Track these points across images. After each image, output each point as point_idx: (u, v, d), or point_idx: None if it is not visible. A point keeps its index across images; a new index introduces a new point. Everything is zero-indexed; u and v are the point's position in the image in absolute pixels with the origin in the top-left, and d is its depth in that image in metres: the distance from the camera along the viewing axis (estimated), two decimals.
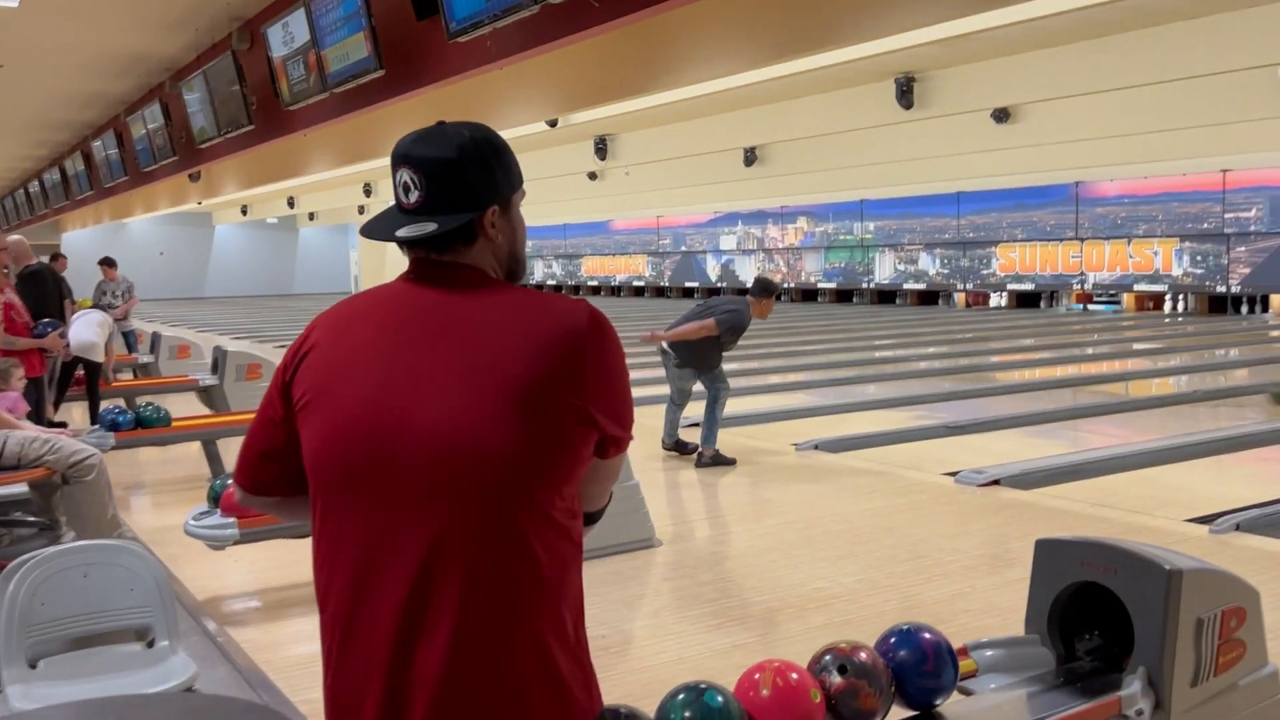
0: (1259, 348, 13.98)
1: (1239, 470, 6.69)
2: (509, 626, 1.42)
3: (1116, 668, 2.59)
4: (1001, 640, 2.66)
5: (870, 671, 2.32)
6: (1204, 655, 2.47)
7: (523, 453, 1.43)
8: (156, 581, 2.83)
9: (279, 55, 7.89)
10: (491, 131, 1.58)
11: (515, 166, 1.60)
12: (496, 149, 1.57)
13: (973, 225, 21.12)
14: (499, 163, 1.57)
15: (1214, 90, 11.10)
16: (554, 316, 1.50)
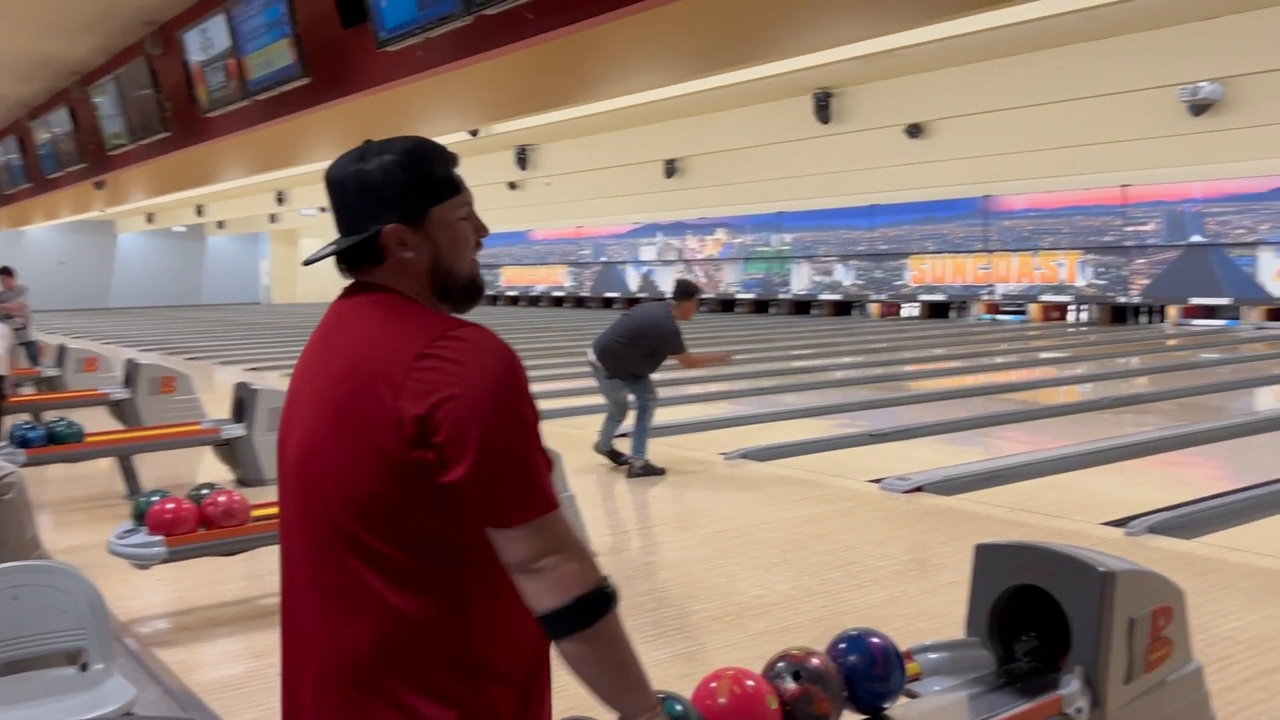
0: (1158, 355, 14.52)
1: (1147, 474, 6.94)
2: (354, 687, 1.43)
3: (1053, 668, 2.68)
4: (944, 643, 2.73)
5: (824, 677, 2.37)
6: (1136, 653, 2.57)
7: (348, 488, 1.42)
8: (90, 603, 2.75)
9: (197, 61, 7.72)
10: (410, 144, 1.53)
11: (437, 178, 1.53)
12: (404, 164, 1.51)
13: (886, 237, 21.56)
14: (406, 178, 1.51)
15: (1116, 109, 11.54)
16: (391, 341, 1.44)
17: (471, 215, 1.59)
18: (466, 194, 1.58)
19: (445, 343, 1.42)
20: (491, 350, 1.43)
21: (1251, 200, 16.58)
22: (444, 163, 1.55)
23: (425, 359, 1.41)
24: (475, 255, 1.60)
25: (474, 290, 1.59)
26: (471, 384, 1.39)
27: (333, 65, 6.59)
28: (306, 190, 21.70)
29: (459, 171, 1.60)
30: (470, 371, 1.40)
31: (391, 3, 5.55)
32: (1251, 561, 4.72)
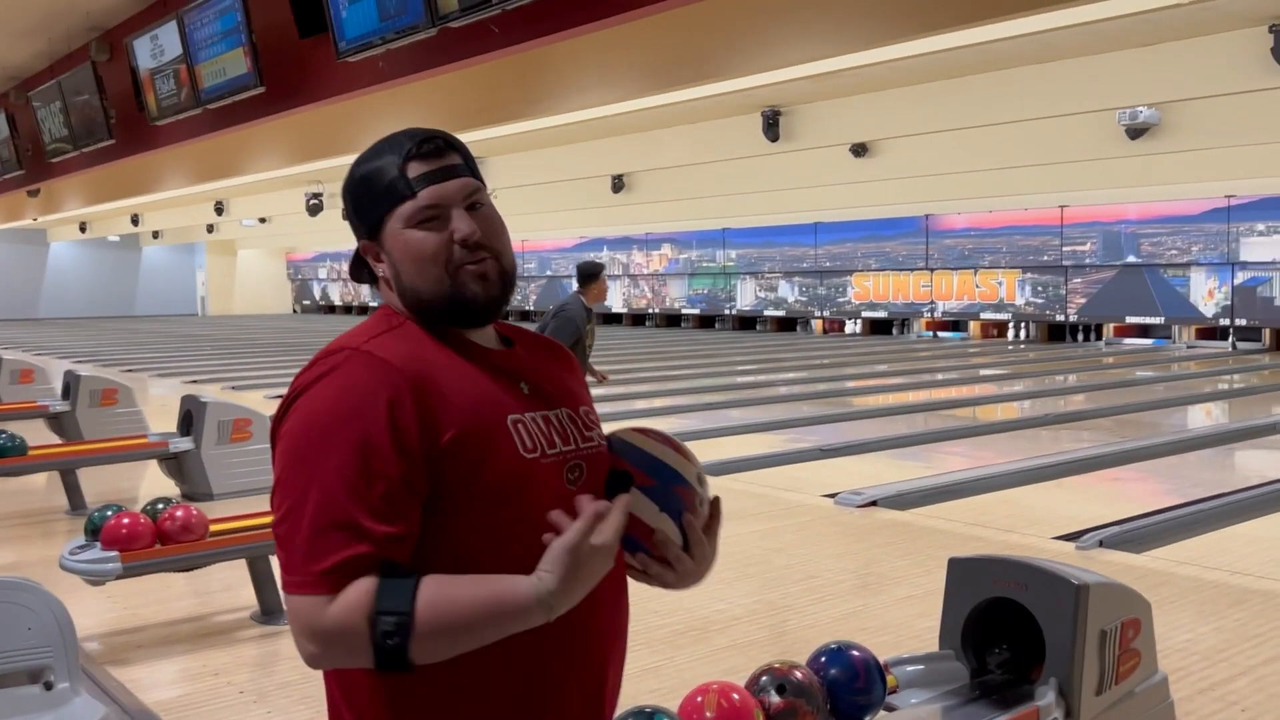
0: (1094, 374, 14.85)
1: (1092, 490, 7.09)
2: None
3: (1025, 679, 2.73)
4: (920, 656, 2.76)
5: (807, 690, 2.39)
6: (1107, 665, 2.63)
7: None
8: (57, 620, 2.69)
9: (146, 68, 7.60)
10: (362, 156, 1.41)
11: (383, 181, 1.37)
12: (353, 168, 1.41)
13: (829, 255, 21.81)
14: (353, 184, 1.41)
15: (1055, 131, 11.82)
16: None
17: (441, 218, 1.37)
18: (427, 195, 1.36)
19: (311, 365, 1.34)
20: (332, 386, 1.30)
21: (1185, 222, 17.06)
22: (392, 160, 1.37)
23: (298, 375, 1.35)
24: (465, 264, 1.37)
25: (462, 308, 1.38)
26: (293, 421, 1.30)
27: (289, 75, 6.53)
28: (247, 200, 21.39)
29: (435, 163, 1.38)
30: (299, 406, 1.31)
31: (352, 13, 5.52)
32: (1200, 575, 4.85)
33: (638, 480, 1.42)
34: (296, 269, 36.64)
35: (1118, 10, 7.17)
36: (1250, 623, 4.21)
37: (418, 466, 1.28)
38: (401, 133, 1.40)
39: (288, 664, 4.04)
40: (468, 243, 1.37)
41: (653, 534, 1.41)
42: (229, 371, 15.49)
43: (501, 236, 1.43)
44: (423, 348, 1.36)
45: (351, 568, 1.24)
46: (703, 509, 1.46)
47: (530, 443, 1.37)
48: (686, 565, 1.44)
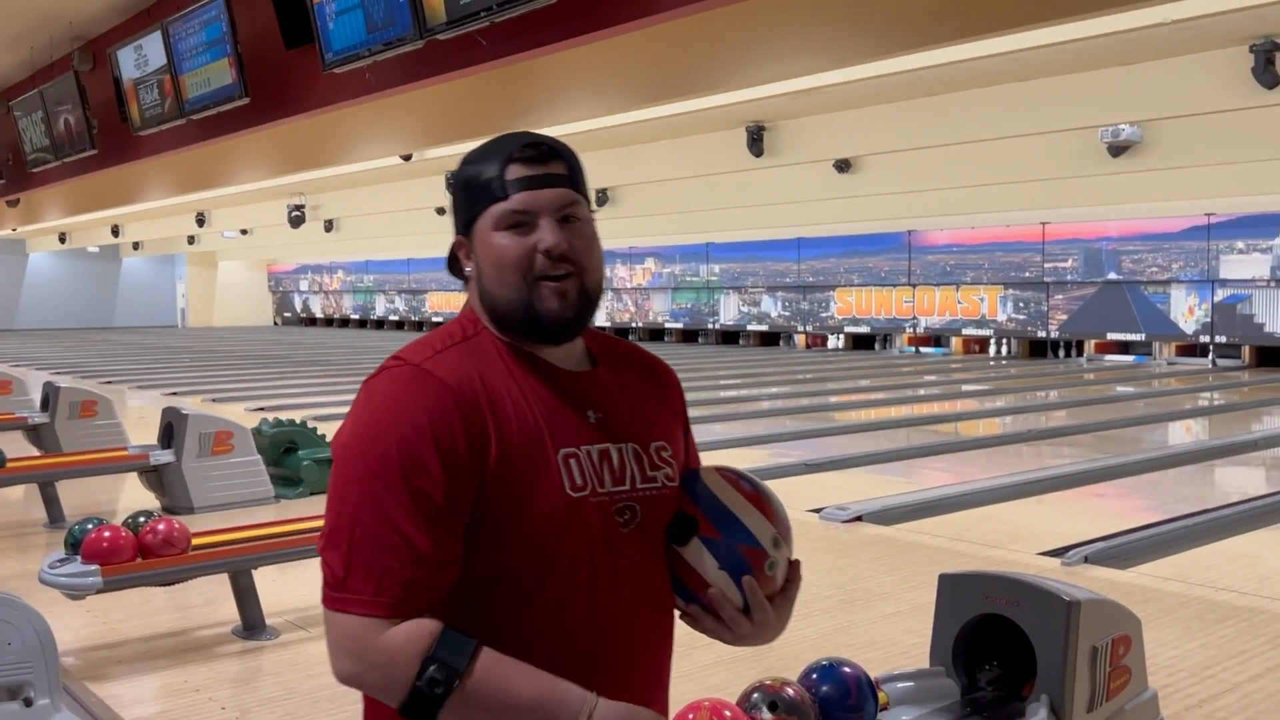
0: (1076, 390, 14.92)
1: (1075, 506, 7.11)
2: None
3: (1016, 696, 2.72)
4: (910, 672, 2.75)
5: (799, 707, 2.37)
6: (1098, 682, 2.62)
7: None
8: (39, 635, 2.64)
9: (130, 78, 7.56)
10: (473, 151, 1.39)
11: (478, 180, 1.34)
12: (461, 171, 1.38)
13: (812, 270, 21.87)
14: (457, 180, 1.39)
15: (1037, 149, 11.90)
16: None
17: (530, 225, 1.32)
18: (519, 199, 1.31)
19: (373, 376, 1.34)
20: (380, 405, 1.29)
21: (1165, 240, 17.20)
22: (496, 160, 1.33)
23: (366, 381, 1.35)
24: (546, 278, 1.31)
25: (534, 323, 1.33)
26: (343, 439, 1.29)
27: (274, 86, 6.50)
28: (229, 212, 21.31)
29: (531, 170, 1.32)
30: (349, 424, 1.30)
31: (339, 25, 5.51)
32: (1185, 591, 4.86)
33: (702, 530, 1.35)
34: (278, 281, 36.48)
35: (1099, 29, 7.23)
36: (1236, 639, 4.22)
37: (464, 488, 1.25)
38: (513, 134, 1.37)
39: (270, 680, 4.00)
40: (551, 254, 1.31)
41: (707, 589, 1.34)
42: (209, 384, 15.38)
43: (591, 254, 1.35)
44: (488, 365, 1.32)
45: (410, 593, 1.22)
46: (772, 573, 1.38)
47: (581, 479, 1.31)
48: (744, 628, 1.38)
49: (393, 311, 32.41)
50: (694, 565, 1.34)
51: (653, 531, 1.36)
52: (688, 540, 1.34)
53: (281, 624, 4.50)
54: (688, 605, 1.37)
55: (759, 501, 1.39)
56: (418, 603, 1.23)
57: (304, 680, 3.92)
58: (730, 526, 1.35)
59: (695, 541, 1.34)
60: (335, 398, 13.19)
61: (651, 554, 1.37)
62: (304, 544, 4.59)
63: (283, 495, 7.14)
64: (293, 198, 18.43)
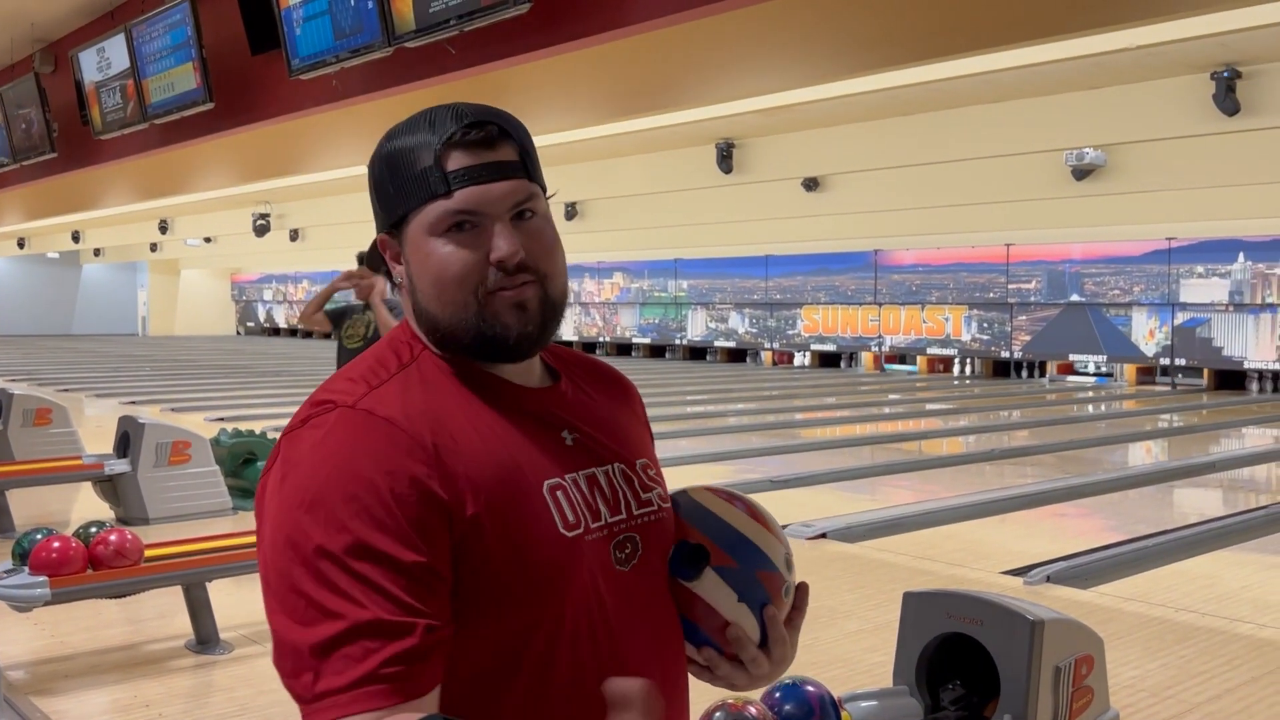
0: (1038, 410, 15.04)
1: (1038, 525, 7.14)
2: None
3: (979, 716, 2.70)
4: (874, 692, 2.73)
5: None
6: (1061, 702, 2.61)
7: None
8: None
9: (92, 81, 7.46)
10: (399, 125, 1.13)
11: (414, 167, 1.08)
12: (381, 152, 1.13)
13: (780, 287, 21.95)
14: (378, 173, 1.12)
15: (1003, 170, 12.01)
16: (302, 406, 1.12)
17: (478, 228, 1.07)
18: (464, 198, 1.06)
19: (289, 436, 1.07)
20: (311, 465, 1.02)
21: (1127, 263, 17.40)
22: (429, 142, 1.08)
23: (287, 435, 1.08)
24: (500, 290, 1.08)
25: (488, 344, 1.09)
26: (268, 513, 1.03)
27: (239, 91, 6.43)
28: (192, 219, 21.08)
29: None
30: (271, 497, 1.04)
31: (306, 31, 5.45)
32: (1145, 611, 4.88)
33: (714, 559, 1.16)
34: (241, 290, 36.12)
35: (1066, 53, 7.31)
36: (1195, 660, 4.24)
37: (439, 549, 1.01)
38: (446, 107, 1.11)
39: (222, 696, 3.91)
40: (505, 265, 1.07)
41: (726, 628, 1.14)
42: (169, 393, 15.17)
43: (552, 257, 1.12)
44: (437, 394, 1.08)
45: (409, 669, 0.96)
46: (788, 599, 1.19)
47: (573, 516, 1.09)
48: (762, 668, 1.16)
49: None
50: (709, 601, 1.15)
51: (655, 565, 1.15)
52: (700, 572, 1.15)
53: (236, 638, 4.42)
54: (699, 650, 1.17)
55: (762, 519, 1.22)
56: (421, 681, 0.97)
57: (257, 696, 3.84)
58: (745, 551, 1.17)
59: (709, 572, 1.15)
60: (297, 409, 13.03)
61: (657, 593, 1.15)
62: None
63: (241, 507, 7.03)
64: (258, 206, 18.26)
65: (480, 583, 1.03)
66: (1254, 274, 16.21)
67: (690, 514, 1.21)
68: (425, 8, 4.90)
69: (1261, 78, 8.04)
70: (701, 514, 1.20)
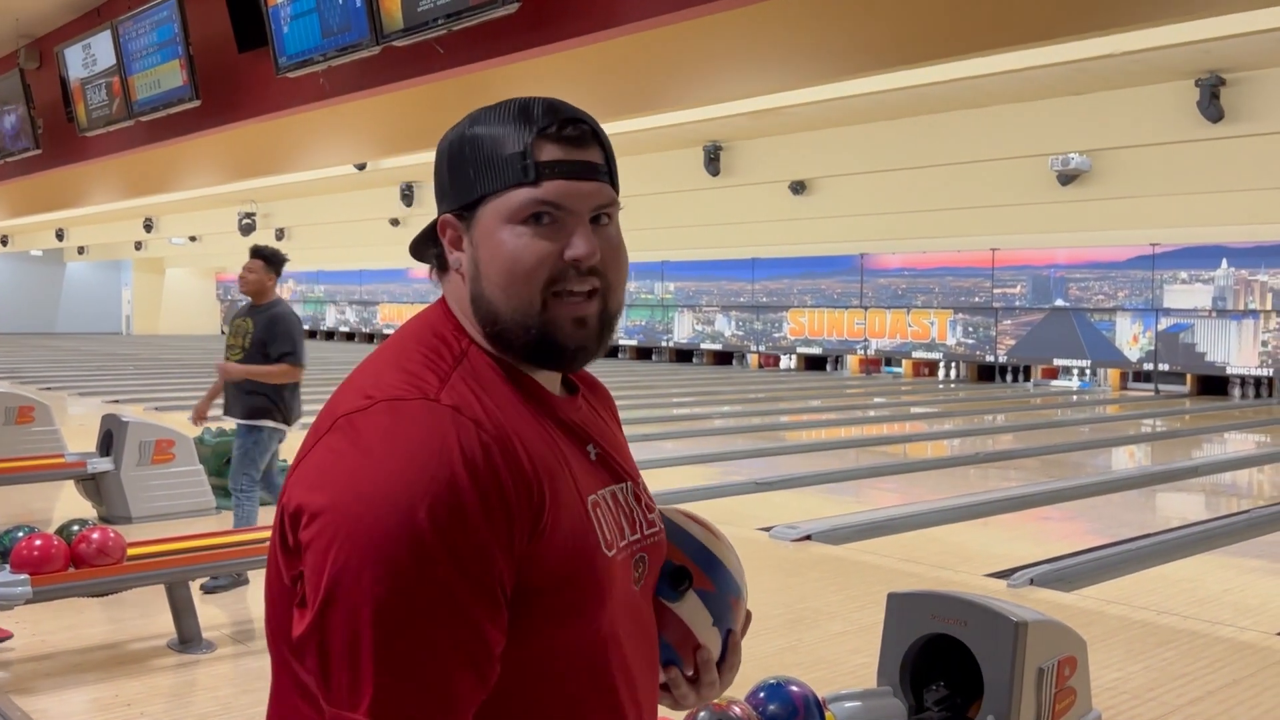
0: (1022, 414, 15.10)
1: (1022, 528, 7.16)
2: None
3: (962, 717, 2.72)
4: (858, 692, 2.74)
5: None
6: (1044, 703, 2.62)
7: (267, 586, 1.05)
8: None
9: (77, 78, 7.41)
10: (483, 111, 1.10)
11: (492, 154, 1.05)
12: (464, 133, 1.09)
13: (766, 290, 21.99)
14: (455, 153, 1.09)
15: (988, 175, 12.06)
16: (336, 395, 1.06)
17: (558, 224, 1.05)
18: (553, 189, 1.04)
19: (359, 417, 0.99)
20: (387, 455, 0.95)
21: (1111, 268, 17.49)
22: (521, 130, 1.05)
23: (335, 433, 1.00)
24: (566, 293, 1.06)
25: (545, 348, 1.06)
26: (350, 497, 0.94)
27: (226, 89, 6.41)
28: (178, 218, 20.98)
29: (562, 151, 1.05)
30: (360, 478, 0.95)
31: (294, 29, 5.43)
32: (1127, 614, 4.90)
33: (696, 581, 1.16)
34: (226, 289, 35.95)
35: (1051, 59, 7.34)
36: (1177, 662, 4.26)
37: (512, 564, 0.97)
38: (538, 100, 1.08)
39: (205, 695, 3.89)
40: (580, 265, 1.05)
41: (698, 650, 1.16)
42: (152, 392, 15.09)
43: (620, 269, 1.10)
44: (494, 395, 1.03)
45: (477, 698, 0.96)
46: (743, 625, 1.23)
47: (609, 534, 1.06)
48: (715, 690, 1.19)
49: (343, 323, 32.09)
50: (687, 622, 1.15)
51: (650, 585, 1.15)
52: (683, 594, 1.15)
53: (219, 637, 4.40)
54: (665, 669, 1.16)
55: (726, 542, 1.23)
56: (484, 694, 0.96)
57: (240, 695, 3.83)
58: (723, 578, 1.19)
59: (691, 595, 1.15)
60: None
61: (650, 613, 1.15)
62: (244, 555, 4.50)
63: (224, 506, 7.00)
64: (243, 205, 18.19)
65: (534, 596, 0.99)
66: (1237, 280, 16.32)
67: (673, 534, 1.21)
68: (413, 7, 4.90)
69: (1245, 85, 8.10)
70: (682, 535, 1.20)
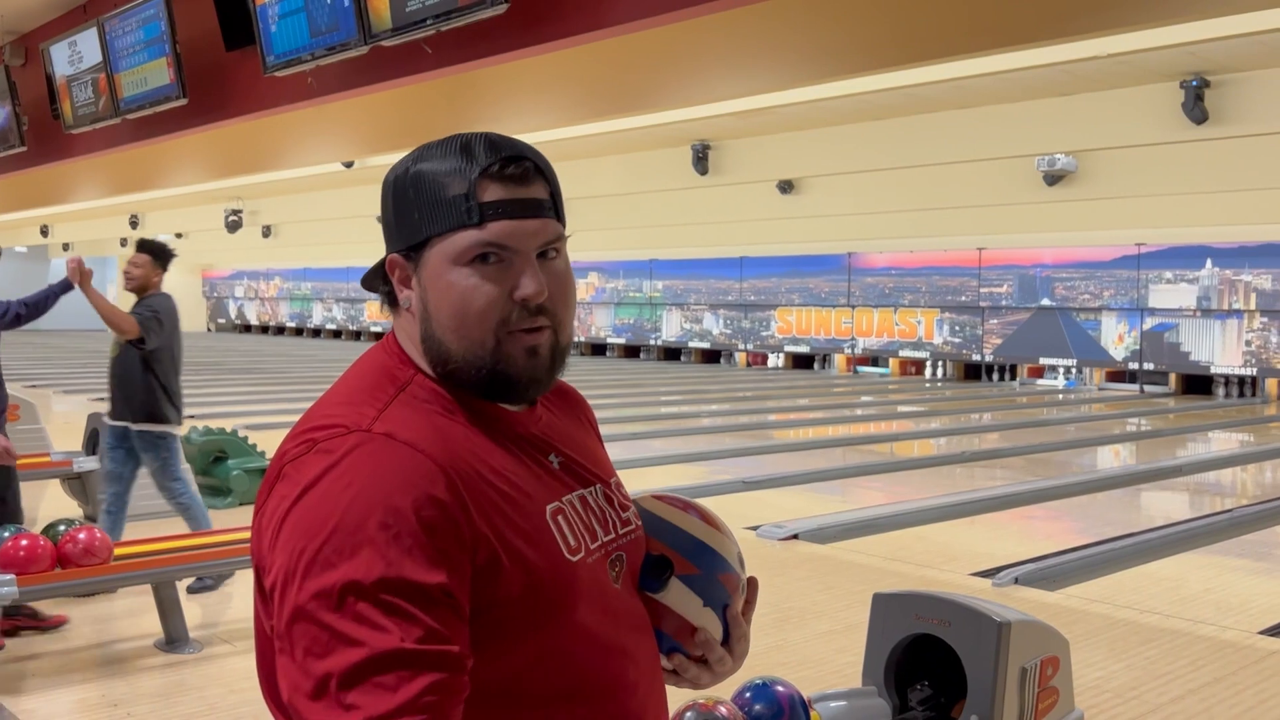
0: (1009, 413, 15.17)
1: (1007, 527, 7.20)
2: None
3: (946, 716, 2.74)
4: (843, 692, 2.75)
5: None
6: (1027, 702, 2.64)
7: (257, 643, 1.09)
8: None
9: (63, 75, 7.38)
10: (427, 148, 1.11)
11: (436, 195, 1.06)
12: (408, 172, 1.10)
13: (754, 289, 22.03)
14: (399, 192, 1.10)
15: (975, 175, 12.11)
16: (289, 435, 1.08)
17: (505, 264, 1.07)
18: (498, 230, 1.06)
19: (300, 463, 1.02)
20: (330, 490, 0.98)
21: (1097, 268, 17.58)
22: (463, 170, 1.06)
23: (282, 482, 1.03)
24: (519, 331, 1.08)
25: (497, 384, 1.09)
26: (302, 534, 0.97)
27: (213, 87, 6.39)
28: (164, 215, 20.90)
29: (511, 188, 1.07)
30: (307, 516, 0.98)
31: (282, 27, 5.43)
32: (1111, 613, 4.94)
33: (678, 568, 1.20)
34: (212, 287, 35.85)
35: (1037, 60, 7.38)
36: (1159, 661, 4.30)
37: (464, 580, 0.99)
38: (479, 137, 1.09)
39: (192, 695, 3.89)
40: (529, 304, 1.07)
41: (694, 633, 1.19)
42: None
43: (568, 302, 1.12)
44: (439, 419, 1.07)
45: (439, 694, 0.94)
46: (742, 596, 1.25)
47: (574, 540, 1.09)
48: (726, 665, 1.23)
49: (330, 320, 32.01)
50: (677, 610, 1.19)
51: (633, 580, 1.19)
52: (665, 583, 1.19)
53: (206, 637, 4.40)
54: (669, 657, 1.21)
55: (715, 522, 1.26)
56: (453, 714, 0.95)
57: (227, 695, 3.83)
58: (704, 556, 1.21)
59: (675, 582, 1.19)
60: (268, 406, 12.95)
61: (638, 607, 1.18)
62: (231, 555, 4.50)
63: (211, 505, 6.99)
64: (230, 202, 18.13)
65: (494, 612, 1.01)
66: (1221, 280, 16.41)
67: (650, 526, 1.23)
68: (402, 7, 4.90)
69: (1229, 87, 8.15)
70: (660, 525, 1.23)
